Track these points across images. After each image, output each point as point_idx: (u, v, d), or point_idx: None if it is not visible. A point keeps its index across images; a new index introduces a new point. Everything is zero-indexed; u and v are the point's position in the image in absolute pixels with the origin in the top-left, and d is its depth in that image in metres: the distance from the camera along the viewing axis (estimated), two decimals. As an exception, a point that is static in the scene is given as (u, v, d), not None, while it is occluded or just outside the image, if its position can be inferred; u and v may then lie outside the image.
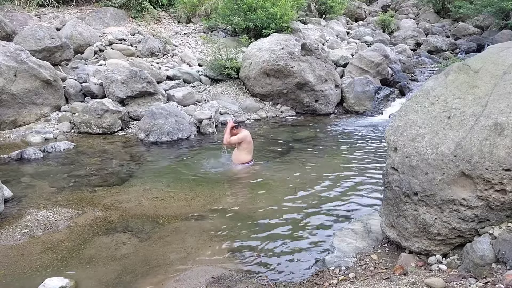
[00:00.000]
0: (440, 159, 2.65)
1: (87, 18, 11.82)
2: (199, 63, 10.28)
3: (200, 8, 13.66)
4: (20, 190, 4.77)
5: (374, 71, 10.03)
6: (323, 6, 16.40)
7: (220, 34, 12.26)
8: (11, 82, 7.10)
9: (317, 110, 9.12)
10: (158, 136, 6.90)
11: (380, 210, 3.29)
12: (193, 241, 3.61)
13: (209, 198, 4.59)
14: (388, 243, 3.30)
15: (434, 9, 19.25)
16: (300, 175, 5.33)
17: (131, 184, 5.05)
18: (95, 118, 7.18)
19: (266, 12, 11.11)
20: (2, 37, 8.62)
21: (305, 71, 8.85)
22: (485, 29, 15.73)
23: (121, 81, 7.68)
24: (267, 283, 2.99)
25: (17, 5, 11.43)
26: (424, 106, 2.98)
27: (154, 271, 3.15)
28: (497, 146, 2.45)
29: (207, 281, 2.97)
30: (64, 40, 8.82)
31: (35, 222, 3.96)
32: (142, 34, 11.31)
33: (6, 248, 3.50)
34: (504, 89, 2.61)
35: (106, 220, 4.02)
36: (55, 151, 6.24)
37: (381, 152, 6.20)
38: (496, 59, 2.86)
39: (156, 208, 4.31)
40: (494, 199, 2.49)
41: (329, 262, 3.19)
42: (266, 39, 9.47)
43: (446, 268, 2.62)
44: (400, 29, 16.13)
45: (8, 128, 7.22)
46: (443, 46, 13.92)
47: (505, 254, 2.32)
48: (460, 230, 2.65)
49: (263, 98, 9.32)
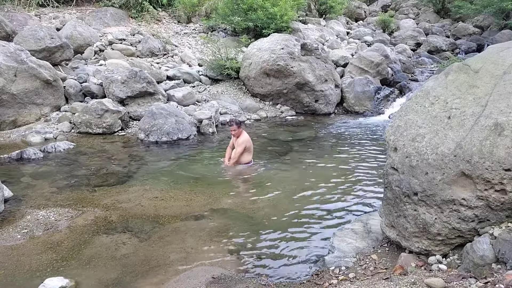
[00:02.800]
0: (440, 159, 2.65)
1: (87, 18, 11.81)
2: (199, 63, 10.28)
3: (200, 8, 13.66)
4: (20, 190, 4.76)
5: (374, 71, 10.03)
6: (323, 6, 16.40)
7: (220, 34, 12.26)
8: (11, 82, 7.10)
9: (317, 110, 9.12)
10: (158, 136, 6.90)
11: (380, 210, 3.29)
12: (193, 241, 3.61)
13: (209, 198, 4.58)
14: (388, 243, 3.30)
15: (434, 9, 19.24)
16: (300, 175, 5.33)
17: (131, 184, 5.05)
18: (95, 118, 7.18)
19: (266, 12, 11.11)
20: (2, 37, 8.62)
21: (305, 71, 8.85)
22: (485, 29, 15.73)
23: (121, 81, 7.68)
24: (267, 283, 2.99)
25: (17, 5, 11.42)
26: (424, 106, 2.98)
27: (154, 271, 3.15)
28: (497, 146, 2.45)
29: (207, 281, 2.97)
30: (64, 40, 8.82)
31: (35, 222, 3.96)
32: (142, 34, 11.31)
33: (6, 248, 3.50)
34: (504, 89, 2.61)
35: (106, 220, 4.02)
36: (55, 151, 6.24)
37: (381, 152, 6.20)
38: (496, 59, 2.86)
39: (156, 208, 4.31)
40: (494, 199, 2.49)
41: (329, 262, 3.19)
42: (266, 39, 9.48)
43: (446, 268, 2.62)
44: (400, 29, 16.12)
45: (8, 128, 7.22)
46: (443, 46, 13.92)
47: (505, 254, 2.32)
48: (460, 230, 2.65)
49: (263, 98, 9.32)
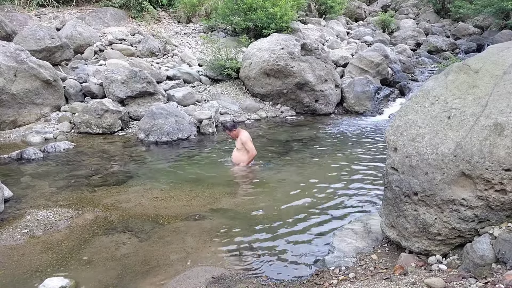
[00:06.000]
0: (440, 159, 2.65)
1: (87, 18, 11.81)
2: (199, 63, 10.28)
3: (200, 8, 13.67)
4: (20, 190, 4.76)
5: (374, 71, 10.03)
6: (323, 6, 16.41)
7: (220, 34, 12.26)
8: (11, 82, 7.10)
9: (317, 110, 9.13)
10: (158, 136, 6.90)
11: (380, 210, 3.29)
12: (193, 241, 3.61)
13: (209, 198, 4.58)
14: (388, 243, 3.30)
15: (434, 9, 19.26)
16: (300, 175, 5.33)
17: (131, 184, 5.05)
18: (95, 118, 7.18)
19: (266, 12, 11.12)
20: (2, 37, 8.62)
21: (305, 71, 8.85)
22: (485, 29, 15.74)
23: (121, 81, 7.68)
24: (267, 283, 2.99)
25: (17, 5, 11.43)
26: (424, 106, 2.98)
27: (154, 271, 3.15)
28: (497, 146, 2.45)
29: (207, 281, 2.97)
30: (64, 40, 8.82)
31: (35, 222, 3.96)
32: (142, 34, 11.32)
33: (6, 248, 3.49)
34: (504, 89, 2.61)
35: (106, 220, 4.02)
36: (55, 151, 6.24)
37: (381, 152, 6.20)
38: (496, 59, 2.86)
39: (156, 208, 4.31)
40: (494, 199, 2.49)
41: (329, 262, 3.19)
42: (266, 39, 9.48)
43: (446, 268, 2.62)
44: (400, 29, 16.13)
45: (8, 128, 7.22)
46: (443, 46, 13.93)
47: (505, 254, 2.32)
48: (460, 230, 2.64)
49: (263, 98, 9.33)
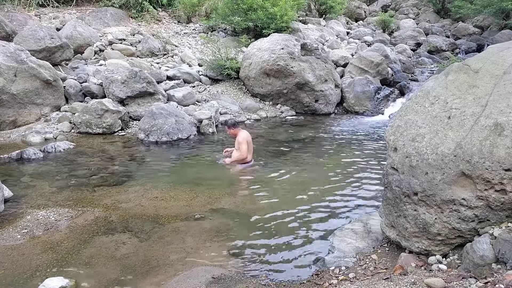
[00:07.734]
0: (440, 159, 2.65)
1: (87, 18, 11.81)
2: (199, 63, 10.28)
3: (200, 8, 13.67)
4: (20, 190, 4.77)
5: (374, 71, 10.03)
6: (323, 6, 16.41)
7: (220, 34, 12.26)
8: (11, 82, 7.10)
9: (317, 110, 9.13)
10: (158, 136, 6.90)
11: (380, 210, 3.29)
12: (193, 241, 3.61)
13: (209, 198, 4.58)
14: (388, 243, 3.30)
15: (434, 9, 19.25)
16: (300, 175, 5.33)
17: (131, 184, 5.05)
18: (95, 118, 7.18)
19: (266, 12, 11.11)
20: (2, 37, 8.62)
21: (305, 71, 8.85)
22: (485, 29, 15.73)
23: (121, 81, 7.68)
24: (267, 283, 2.99)
25: (17, 5, 11.43)
26: (424, 106, 2.98)
27: (154, 271, 3.15)
28: (497, 146, 2.45)
29: (207, 281, 2.97)
30: (64, 40, 8.82)
31: (35, 222, 3.96)
32: (142, 34, 11.32)
33: (6, 248, 3.49)
34: (504, 89, 2.61)
35: (106, 220, 4.02)
36: (55, 151, 6.24)
37: (381, 152, 6.20)
38: (496, 59, 2.86)
39: (156, 208, 4.31)
40: (494, 199, 2.49)
41: (329, 262, 3.19)
42: (266, 39, 9.48)
43: (446, 268, 2.62)
44: (400, 29, 16.13)
45: (8, 128, 7.22)
46: (443, 46, 13.93)
47: (505, 254, 2.32)
48: (460, 230, 2.64)
49: (263, 98, 9.33)
